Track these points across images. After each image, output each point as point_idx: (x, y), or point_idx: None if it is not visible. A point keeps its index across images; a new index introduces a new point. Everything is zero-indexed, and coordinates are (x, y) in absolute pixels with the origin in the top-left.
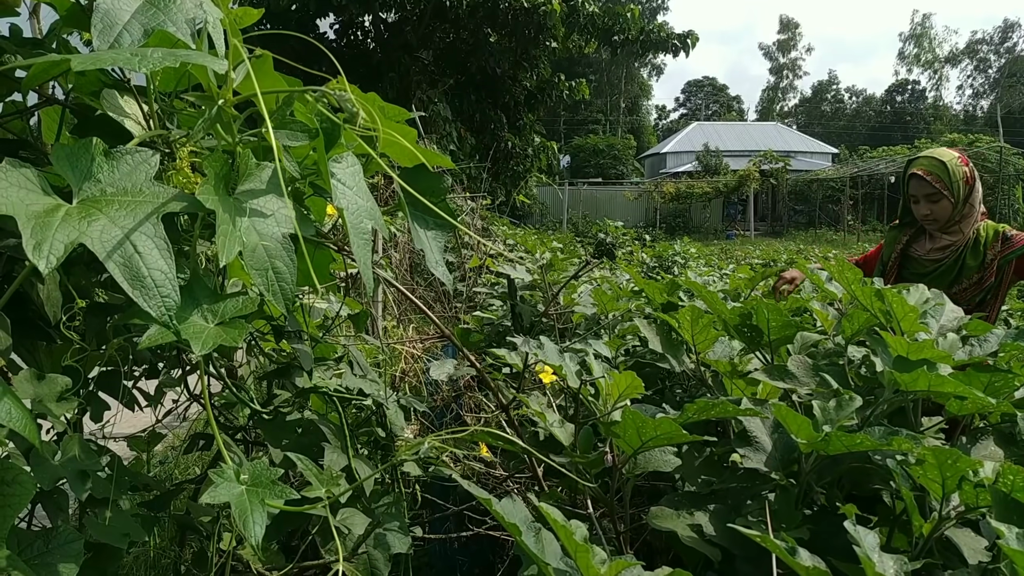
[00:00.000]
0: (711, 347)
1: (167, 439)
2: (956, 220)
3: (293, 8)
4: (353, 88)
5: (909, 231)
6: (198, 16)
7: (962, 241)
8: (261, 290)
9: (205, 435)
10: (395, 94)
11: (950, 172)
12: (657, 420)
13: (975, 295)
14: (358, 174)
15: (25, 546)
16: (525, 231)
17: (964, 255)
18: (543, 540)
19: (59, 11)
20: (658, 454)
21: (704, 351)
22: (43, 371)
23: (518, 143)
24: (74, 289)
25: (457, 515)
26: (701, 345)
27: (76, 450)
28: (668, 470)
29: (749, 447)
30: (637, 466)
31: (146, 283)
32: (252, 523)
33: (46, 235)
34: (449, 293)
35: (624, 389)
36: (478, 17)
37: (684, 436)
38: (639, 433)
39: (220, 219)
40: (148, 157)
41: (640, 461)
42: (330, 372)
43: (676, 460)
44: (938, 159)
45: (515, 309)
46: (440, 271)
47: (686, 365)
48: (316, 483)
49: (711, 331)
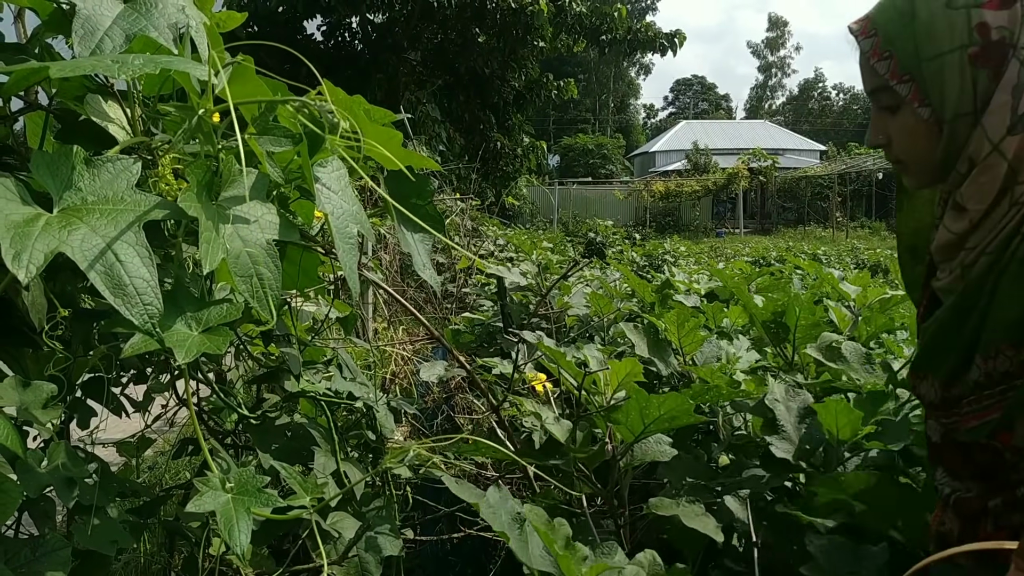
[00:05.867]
0: (698, 349)
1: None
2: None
3: (280, 10)
4: (339, 91)
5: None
6: (180, 21)
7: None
8: (246, 297)
9: (194, 440)
10: (383, 95)
11: (919, 26)
12: (662, 397)
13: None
14: (343, 178)
15: (12, 554)
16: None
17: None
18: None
19: (41, 15)
20: (655, 444)
21: (691, 353)
22: (29, 378)
23: (507, 143)
24: (60, 295)
25: (449, 517)
26: (688, 348)
27: (63, 457)
28: (666, 459)
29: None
30: (635, 457)
31: (128, 291)
32: (237, 532)
33: (25, 244)
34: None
35: (624, 376)
36: (466, 17)
37: (690, 414)
38: (642, 415)
39: (203, 226)
40: (129, 165)
41: (638, 452)
42: (319, 375)
43: (672, 450)
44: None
45: (505, 310)
46: (427, 274)
47: (673, 367)
48: (300, 491)
49: (697, 333)
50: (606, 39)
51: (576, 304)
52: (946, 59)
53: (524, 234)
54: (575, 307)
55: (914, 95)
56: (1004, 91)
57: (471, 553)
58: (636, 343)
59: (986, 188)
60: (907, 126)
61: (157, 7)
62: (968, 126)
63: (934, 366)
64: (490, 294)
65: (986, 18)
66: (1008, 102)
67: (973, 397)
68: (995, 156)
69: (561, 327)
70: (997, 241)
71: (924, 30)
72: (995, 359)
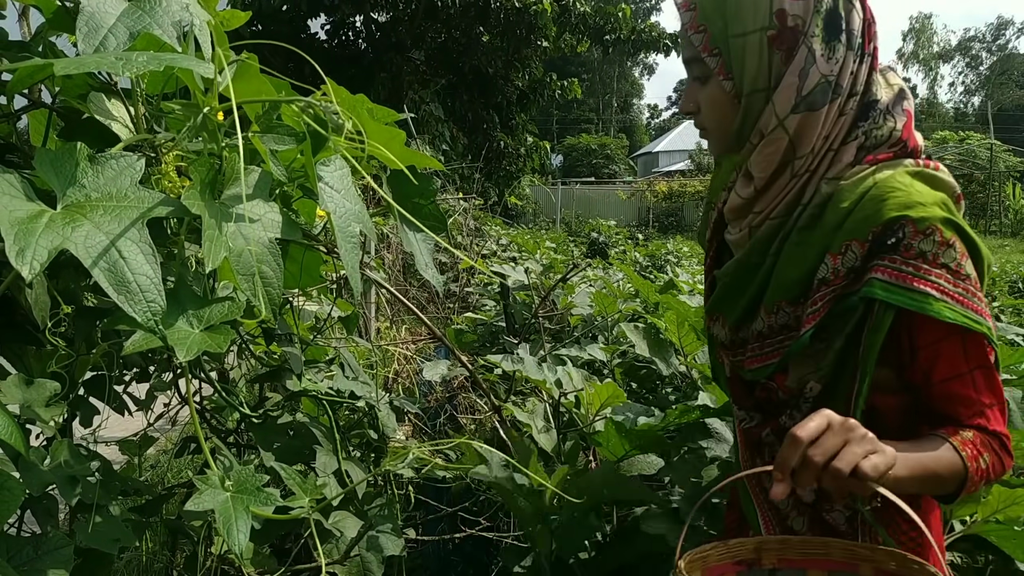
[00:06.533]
0: (700, 348)
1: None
2: (753, 136)
3: (284, 8)
4: (343, 90)
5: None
6: (184, 19)
7: (783, 201)
8: (248, 295)
9: (197, 438)
10: (387, 95)
11: (729, 6)
12: (637, 431)
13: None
14: (346, 177)
15: (15, 552)
16: (519, 231)
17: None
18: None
19: (45, 13)
20: (642, 458)
21: (692, 353)
22: (32, 375)
23: (511, 143)
24: (63, 292)
25: (450, 516)
26: (689, 347)
27: (66, 455)
28: (652, 472)
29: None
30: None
31: (131, 288)
32: (236, 531)
33: (29, 241)
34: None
35: (606, 399)
36: (470, 17)
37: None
38: (621, 444)
39: (206, 224)
40: (133, 162)
41: (624, 467)
42: (321, 374)
43: (660, 461)
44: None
45: (508, 310)
46: (430, 274)
47: (675, 367)
48: (300, 492)
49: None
50: (610, 39)
51: (580, 304)
52: (749, 38)
53: (527, 234)
54: (579, 307)
55: (720, 69)
56: (792, 73)
57: (472, 553)
58: (637, 343)
59: (769, 159)
60: (712, 97)
61: (161, 5)
62: (762, 101)
63: (726, 310)
64: (493, 294)
65: (785, 5)
66: (795, 83)
67: (757, 344)
68: (779, 131)
69: (564, 327)
70: (780, 208)
71: (733, 10)
72: (776, 314)
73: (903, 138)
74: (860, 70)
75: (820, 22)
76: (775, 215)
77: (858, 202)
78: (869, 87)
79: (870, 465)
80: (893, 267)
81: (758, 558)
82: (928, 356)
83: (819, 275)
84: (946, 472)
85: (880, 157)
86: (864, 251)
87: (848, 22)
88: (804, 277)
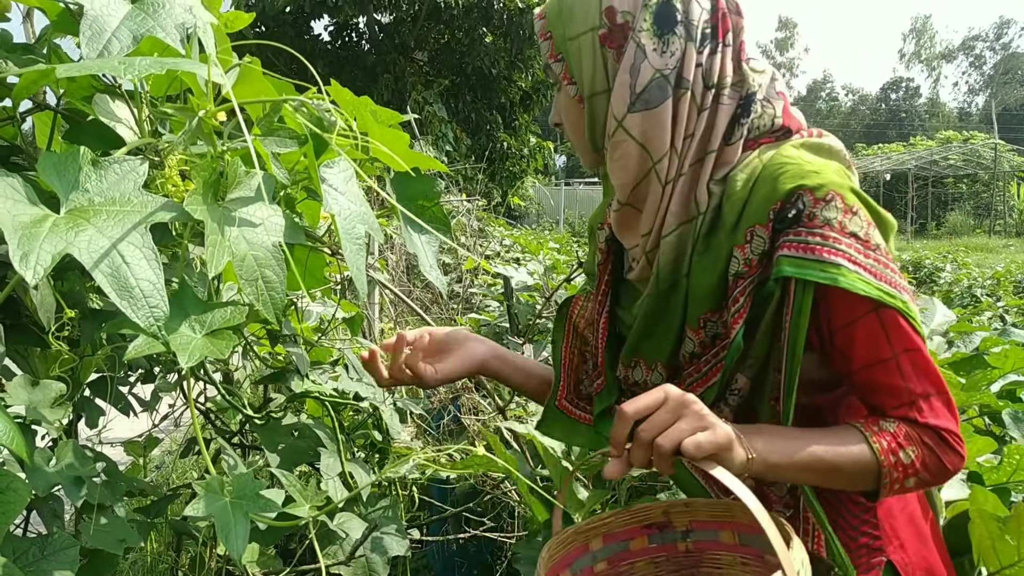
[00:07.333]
0: None
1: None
2: (606, 143)
3: (287, 10)
4: (346, 91)
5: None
6: (188, 21)
7: (668, 212)
8: (251, 299)
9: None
10: (390, 95)
11: (565, 8)
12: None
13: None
14: (350, 178)
15: (20, 553)
16: (522, 231)
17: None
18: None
19: (49, 16)
20: None
21: None
22: (37, 377)
23: (514, 143)
24: (68, 294)
25: (455, 517)
26: None
27: (71, 456)
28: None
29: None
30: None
31: (134, 293)
32: (234, 537)
33: (33, 246)
34: (445, 295)
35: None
36: (473, 18)
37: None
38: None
39: (209, 229)
40: (136, 166)
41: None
42: (326, 375)
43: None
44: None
45: (511, 311)
46: (434, 275)
47: None
48: (300, 499)
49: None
50: None
51: None
52: (582, 39)
53: (530, 234)
54: None
55: (564, 74)
56: (624, 71)
57: (477, 553)
58: None
59: (622, 165)
60: (564, 104)
61: (164, 8)
62: (604, 103)
63: (649, 352)
64: (496, 295)
65: (614, 3)
66: (627, 81)
67: (692, 368)
68: (620, 132)
69: None
70: (669, 221)
71: (568, 12)
72: (704, 328)
73: (785, 124)
74: (714, 62)
75: (649, 16)
76: (667, 231)
77: (751, 186)
78: (743, 80)
79: (693, 443)
80: (799, 240)
81: (668, 521)
82: (844, 338)
83: (732, 271)
84: (849, 465)
85: (762, 141)
86: (769, 232)
87: (687, 13)
88: (720, 280)
